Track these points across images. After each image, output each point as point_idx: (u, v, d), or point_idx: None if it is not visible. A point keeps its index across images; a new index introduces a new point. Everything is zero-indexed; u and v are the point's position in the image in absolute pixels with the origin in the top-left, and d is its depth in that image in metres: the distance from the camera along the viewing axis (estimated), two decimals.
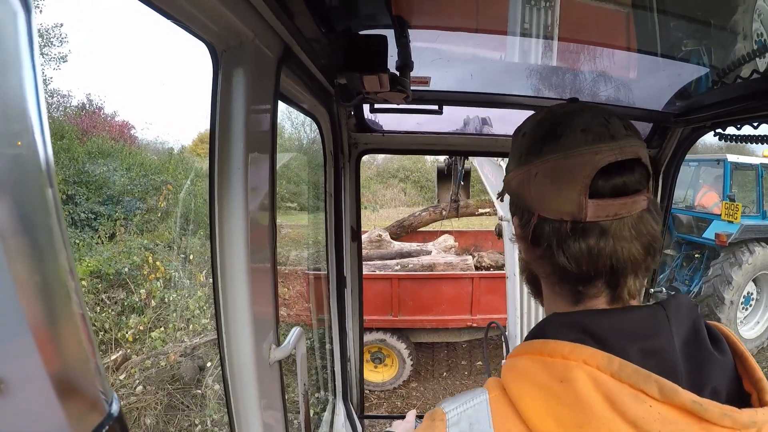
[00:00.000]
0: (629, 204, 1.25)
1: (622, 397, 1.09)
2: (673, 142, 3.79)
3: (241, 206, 1.64)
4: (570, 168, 1.26)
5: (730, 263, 13.01)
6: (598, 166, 1.23)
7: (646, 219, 1.28)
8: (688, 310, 1.26)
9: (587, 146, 1.25)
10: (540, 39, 2.53)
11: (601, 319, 1.24)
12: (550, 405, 1.15)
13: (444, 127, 3.89)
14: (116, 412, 0.75)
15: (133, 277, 12.37)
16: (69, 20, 31.60)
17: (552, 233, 1.31)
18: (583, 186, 1.23)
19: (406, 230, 16.76)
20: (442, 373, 13.18)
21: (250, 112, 1.63)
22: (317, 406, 4.84)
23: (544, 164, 1.31)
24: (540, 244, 1.35)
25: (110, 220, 16.30)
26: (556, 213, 1.29)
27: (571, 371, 1.15)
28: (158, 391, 9.60)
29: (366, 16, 2.43)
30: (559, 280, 1.38)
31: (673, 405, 1.08)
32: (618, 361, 1.13)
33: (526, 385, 1.22)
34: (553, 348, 1.22)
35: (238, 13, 1.48)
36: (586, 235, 1.25)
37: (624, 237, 1.25)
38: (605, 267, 1.27)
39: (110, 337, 10.84)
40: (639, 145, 1.30)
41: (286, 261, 14.62)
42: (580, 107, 1.38)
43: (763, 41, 2.38)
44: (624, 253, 1.25)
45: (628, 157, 1.25)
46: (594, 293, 1.33)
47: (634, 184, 1.27)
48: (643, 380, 1.10)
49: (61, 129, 20.33)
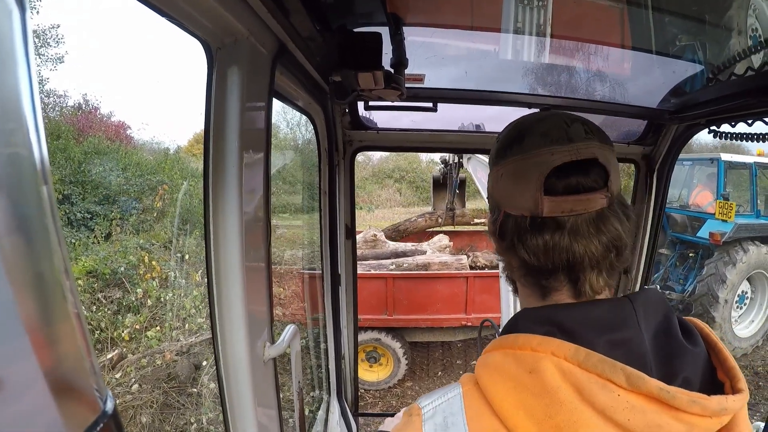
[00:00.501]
0: (584, 201, 1.31)
1: (590, 386, 1.13)
2: (667, 140, 3.80)
3: (236, 204, 1.64)
4: (528, 167, 1.36)
5: (724, 262, 13.05)
6: (552, 165, 1.31)
7: (606, 217, 1.33)
8: (657, 303, 1.33)
9: (544, 148, 1.34)
10: (534, 36, 2.53)
11: (569, 312, 1.29)
12: (521, 396, 1.19)
13: (439, 124, 3.89)
14: (111, 409, 0.75)
15: (129, 277, 12.40)
16: (65, 20, 31.80)
17: (514, 228, 1.40)
18: (538, 184, 1.32)
19: (401, 234, 16.77)
20: (437, 372, 13.18)
21: (244, 110, 1.63)
22: (312, 404, 4.85)
23: (509, 165, 1.43)
24: (505, 238, 1.45)
25: (106, 219, 16.34)
26: (518, 209, 1.38)
27: (539, 362, 1.19)
28: (154, 390, 9.61)
29: (361, 13, 2.44)
30: (525, 273, 1.45)
31: (641, 393, 1.12)
32: (584, 351, 1.17)
33: (497, 378, 1.26)
34: (523, 341, 1.27)
35: (233, 11, 1.48)
36: (543, 230, 1.33)
37: (581, 233, 1.31)
38: (561, 261, 1.33)
39: (106, 336, 10.85)
40: (599, 146, 1.36)
41: (281, 259, 14.63)
42: (547, 115, 1.47)
43: (758, 37, 2.38)
44: (580, 249, 1.31)
45: (583, 158, 1.32)
46: (557, 286, 1.39)
47: (589, 183, 1.33)
48: (609, 369, 1.13)
49: (58, 129, 20.36)
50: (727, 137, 3.11)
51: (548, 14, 2.39)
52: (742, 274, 13.16)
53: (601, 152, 1.34)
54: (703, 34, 2.60)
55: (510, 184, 1.41)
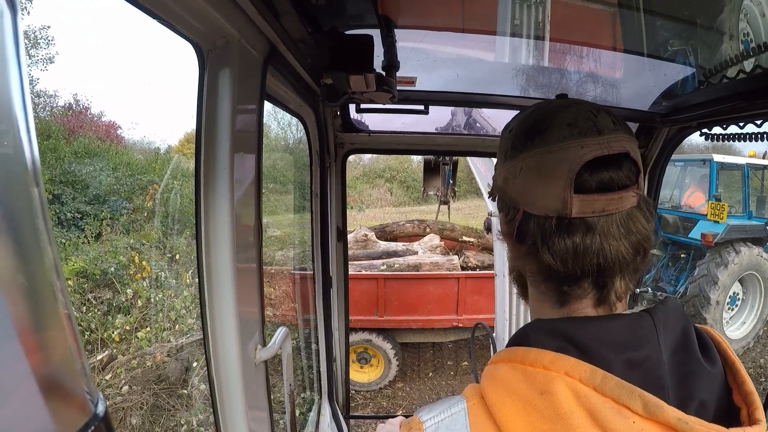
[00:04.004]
0: (616, 200, 1.22)
1: (604, 411, 1.07)
2: (659, 142, 3.81)
3: (227, 206, 1.63)
4: (555, 162, 1.24)
5: (716, 263, 13.06)
6: (584, 161, 1.20)
7: (636, 216, 1.25)
8: (676, 317, 1.24)
9: (573, 140, 1.24)
10: (526, 39, 2.53)
11: (585, 327, 1.21)
12: (530, 419, 1.12)
13: (430, 127, 3.89)
14: (102, 412, 0.75)
15: (119, 277, 12.36)
16: (55, 21, 31.65)
17: (537, 229, 1.27)
18: (567, 180, 1.21)
19: (387, 236, 16.73)
20: (428, 374, 13.18)
21: (236, 112, 1.63)
22: (303, 406, 4.86)
23: (529, 159, 1.30)
24: (525, 241, 1.32)
25: (96, 219, 16.32)
26: (541, 208, 1.26)
27: (551, 383, 1.12)
28: (144, 391, 9.58)
29: (352, 15, 2.44)
30: (544, 279, 1.34)
31: (657, 422, 1.06)
32: (601, 374, 1.10)
33: (506, 396, 1.19)
34: (535, 357, 1.19)
35: (224, 13, 1.48)
36: (572, 232, 1.22)
37: (612, 234, 1.22)
38: (591, 266, 1.23)
39: (96, 337, 10.83)
40: (627, 139, 1.28)
41: (272, 261, 14.61)
42: (568, 103, 1.37)
43: (750, 41, 2.38)
44: (612, 252, 1.22)
45: (615, 152, 1.22)
46: (579, 294, 1.29)
47: (622, 179, 1.24)
48: (627, 395, 1.07)
49: (48, 129, 20.35)
50: (718, 139, 3.12)
51: (541, 16, 2.39)
52: (733, 275, 13.16)
53: (631, 146, 1.27)
54: (694, 38, 2.61)
55: (532, 181, 1.28)
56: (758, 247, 13.64)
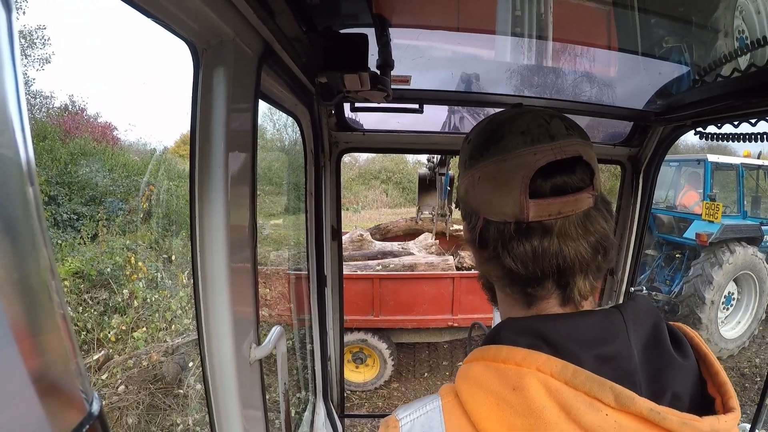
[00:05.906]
0: (572, 202, 1.26)
1: (576, 405, 1.09)
2: (653, 141, 3.82)
3: (222, 205, 1.63)
4: (510, 170, 1.29)
5: (710, 263, 13.10)
6: (537, 166, 1.25)
7: (594, 217, 1.30)
8: (647, 312, 1.28)
9: (526, 147, 1.28)
10: (520, 38, 2.54)
11: (555, 324, 1.23)
12: (503, 415, 1.14)
13: (425, 126, 3.89)
14: (97, 411, 0.75)
15: (115, 278, 12.35)
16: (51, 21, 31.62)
17: (497, 235, 1.32)
18: (523, 186, 1.25)
19: (382, 233, 16.75)
20: (424, 374, 13.17)
21: (230, 111, 1.63)
22: (298, 405, 4.84)
23: (487, 168, 1.35)
24: (487, 247, 1.37)
25: (92, 220, 16.28)
26: (500, 215, 1.31)
27: (523, 379, 1.15)
28: (140, 391, 9.58)
29: (347, 14, 2.44)
30: (510, 283, 1.39)
31: (630, 413, 1.08)
32: (572, 368, 1.12)
33: (479, 393, 1.21)
34: (507, 354, 1.22)
35: (219, 12, 1.48)
36: (530, 236, 1.27)
37: (570, 236, 1.27)
38: (552, 267, 1.28)
39: (92, 337, 10.83)
40: (581, 143, 1.31)
41: (267, 260, 14.61)
42: (522, 111, 1.40)
43: (745, 38, 2.39)
44: (570, 252, 1.26)
45: (568, 156, 1.27)
46: (544, 295, 1.34)
47: (576, 182, 1.29)
48: (598, 388, 1.09)
49: (44, 130, 20.31)
50: (713, 138, 3.12)
51: (536, 15, 2.40)
52: (728, 275, 13.21)
53: (584, 149, 1.30)
54: (689, 36, 2.61)
55: (489, 189, 1.34)
56: (753, 247, 13.69)
